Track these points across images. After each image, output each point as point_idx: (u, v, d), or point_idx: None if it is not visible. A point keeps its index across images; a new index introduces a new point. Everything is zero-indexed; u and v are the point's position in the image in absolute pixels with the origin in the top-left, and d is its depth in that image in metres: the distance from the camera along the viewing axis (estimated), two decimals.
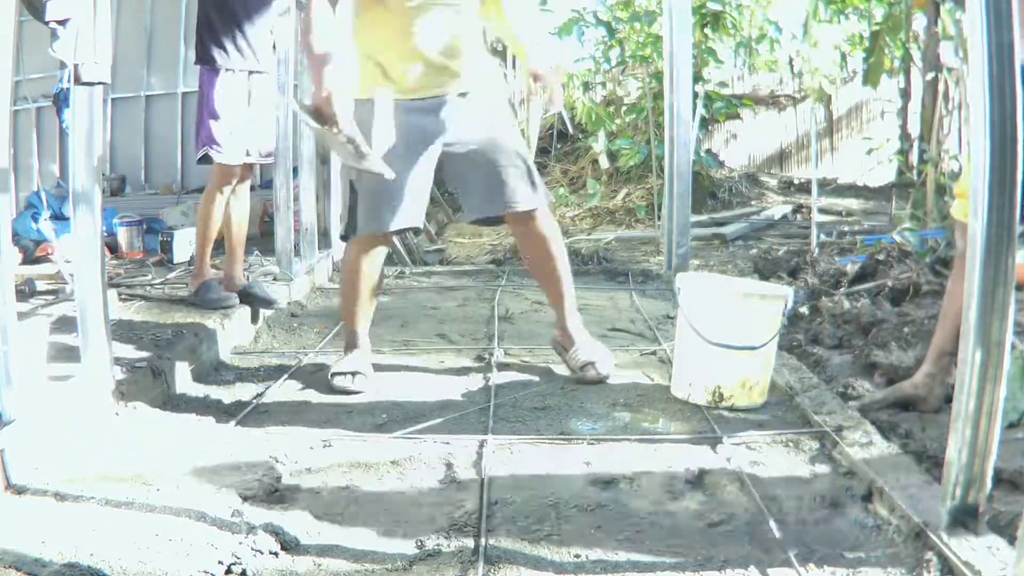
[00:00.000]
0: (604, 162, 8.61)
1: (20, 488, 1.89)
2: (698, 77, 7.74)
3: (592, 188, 8.38)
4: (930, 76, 7.47)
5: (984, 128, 1.47)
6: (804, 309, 3.79)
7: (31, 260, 4.68)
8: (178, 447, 2.18)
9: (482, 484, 1.95)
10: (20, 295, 2.72)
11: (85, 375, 2.38)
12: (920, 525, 1.62)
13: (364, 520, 1.79)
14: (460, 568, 1.58)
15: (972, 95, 1.50)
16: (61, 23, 2.19)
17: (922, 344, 2.89)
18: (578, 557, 1.63)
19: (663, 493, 1.92)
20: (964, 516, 1.57)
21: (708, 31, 8.52)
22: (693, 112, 5.54)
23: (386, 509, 1.85)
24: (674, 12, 4.48)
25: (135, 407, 2.44)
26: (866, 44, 8.11)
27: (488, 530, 1.72)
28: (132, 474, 1.99)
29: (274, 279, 4.04)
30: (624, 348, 3.18)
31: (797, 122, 12.03)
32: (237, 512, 1.79)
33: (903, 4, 7.31)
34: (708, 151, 9.88)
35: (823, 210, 7.53)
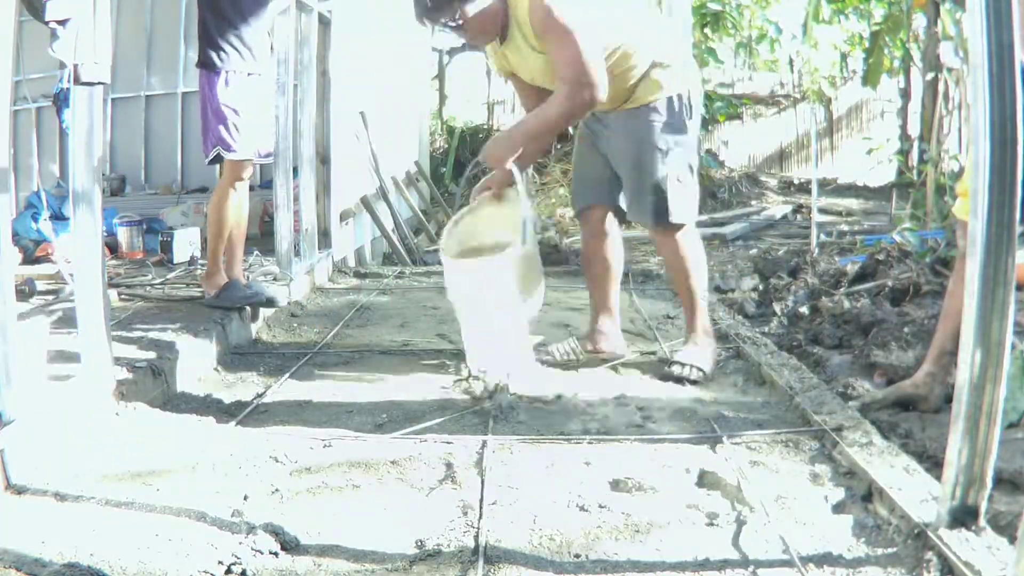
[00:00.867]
0: None
1: (20, 488, 1.89)
2: None
3: None
4: (930, 76, 7.48)
5: (984, 128, 1.47)
6: (804, 309, 3.79)
7: (31, 260, 4.67)
8: (178, 447, 2.18)
9: (482, 484, 1.96)
10: (20, 295, 2.72)
11: (85, 375, 2.38)
12: (920, 525, 1.62)
13: (364, 520, 1.79)
14: (460, 568, 1.58)
15: (972, 95, 1.50)
16: (61, 23, 2.18)
17: (922, 344, 2.89)
18: (578, 557, 1.63)
19: (663, 493, 1.92)
20: (964, 516, 1.58)
21: (708, 31, 8.52)
22: None
23: (386, 509, 1.85)
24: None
25: (135, 407, 2.44)
26: (866, 44, 8.11)
27: (488, 530, 1.73)
28: (132, 474, 1.99)
29: (274, 279, 4.04)
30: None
31: (797, 122, 12.03)
32: (237, 512, 1.79)
33: (903, 4, 7.32)
34: (708, 151, 9.89)
35: (823, 210, 7.53)
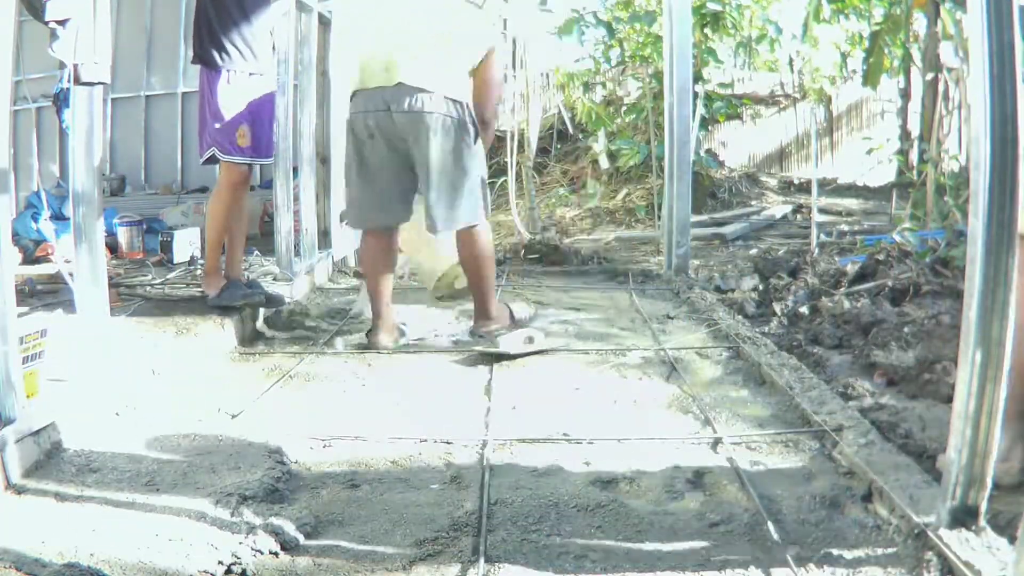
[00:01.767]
0: (604, 162, 8.60)
1: (20, 488, 1.89)
2: (698, 77, 7.74)
3: (592, 188, 8.38)
4: (930, 76, 7.48)
5: (984, 128, 1.47)
6: (804, 309, 3.79)
7: (31, 260, 4.68)
8: (178, 447, 2.18)
9: (482, 484, 1.95)
10: (20, 295, 2.72)
11: (85, 375, 2.38)
12: (920, 525, 1.62)
13: (364, 520, 1.80)
14: (460, 568, 1.58)
15: (972, 95, 1.50)
16: (61, 23, 2.19)
17: (922, 344, 2.89)
18: (578, 557, 1.63)
19: (663, 493, 1.92)
20: (964, 516, 1.57)
21: (708, 31, 8.52)
22: (693, 112, 5.53)
23: (386, 509, 1.85)
24: (674, 12, 4.48)
25: (135, 407, 2.44)
26: (866, 44, 8.11)
27: (488, 530, 1.72)
28: (132, 474, 1.99)
29: (274, 279, 4.04)
30: (624, 348, 3.18)
31: (797, 122, 12.01)
32: (237, 512, 1.79)
33: (903, 4, 7.32)
34: (708, 151, 9.87)
35: (823, 210, 7.53)
